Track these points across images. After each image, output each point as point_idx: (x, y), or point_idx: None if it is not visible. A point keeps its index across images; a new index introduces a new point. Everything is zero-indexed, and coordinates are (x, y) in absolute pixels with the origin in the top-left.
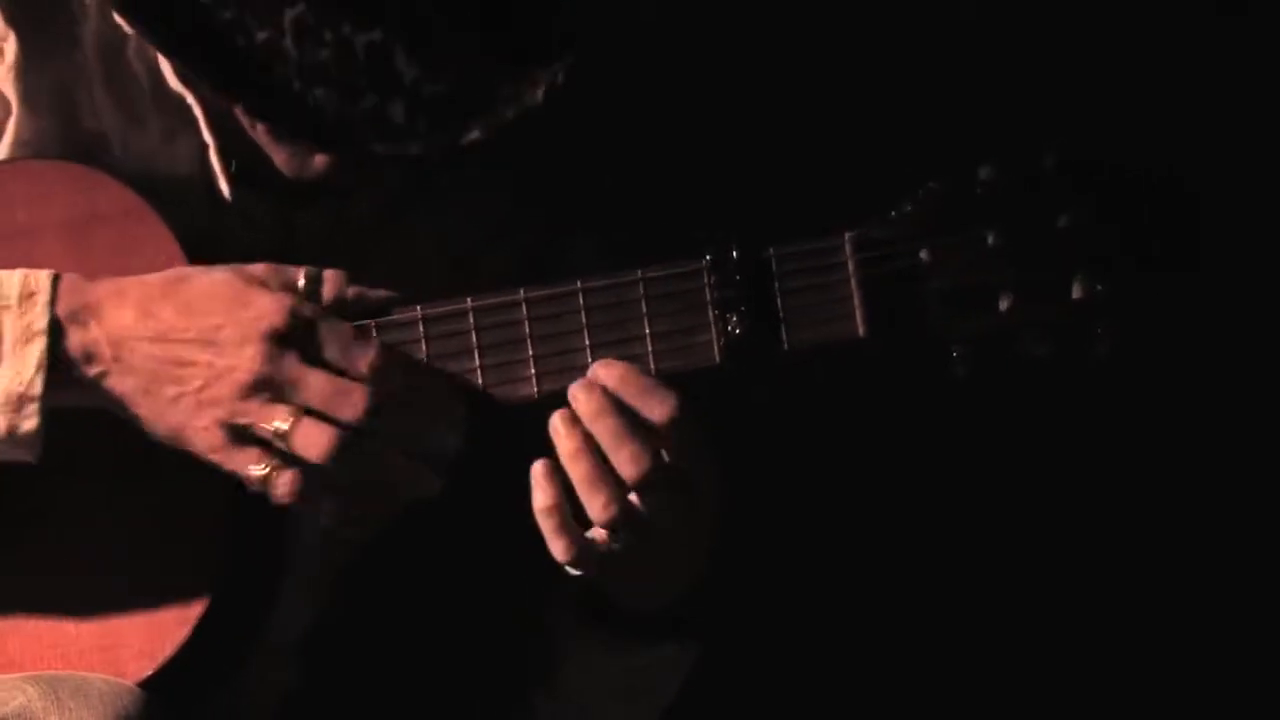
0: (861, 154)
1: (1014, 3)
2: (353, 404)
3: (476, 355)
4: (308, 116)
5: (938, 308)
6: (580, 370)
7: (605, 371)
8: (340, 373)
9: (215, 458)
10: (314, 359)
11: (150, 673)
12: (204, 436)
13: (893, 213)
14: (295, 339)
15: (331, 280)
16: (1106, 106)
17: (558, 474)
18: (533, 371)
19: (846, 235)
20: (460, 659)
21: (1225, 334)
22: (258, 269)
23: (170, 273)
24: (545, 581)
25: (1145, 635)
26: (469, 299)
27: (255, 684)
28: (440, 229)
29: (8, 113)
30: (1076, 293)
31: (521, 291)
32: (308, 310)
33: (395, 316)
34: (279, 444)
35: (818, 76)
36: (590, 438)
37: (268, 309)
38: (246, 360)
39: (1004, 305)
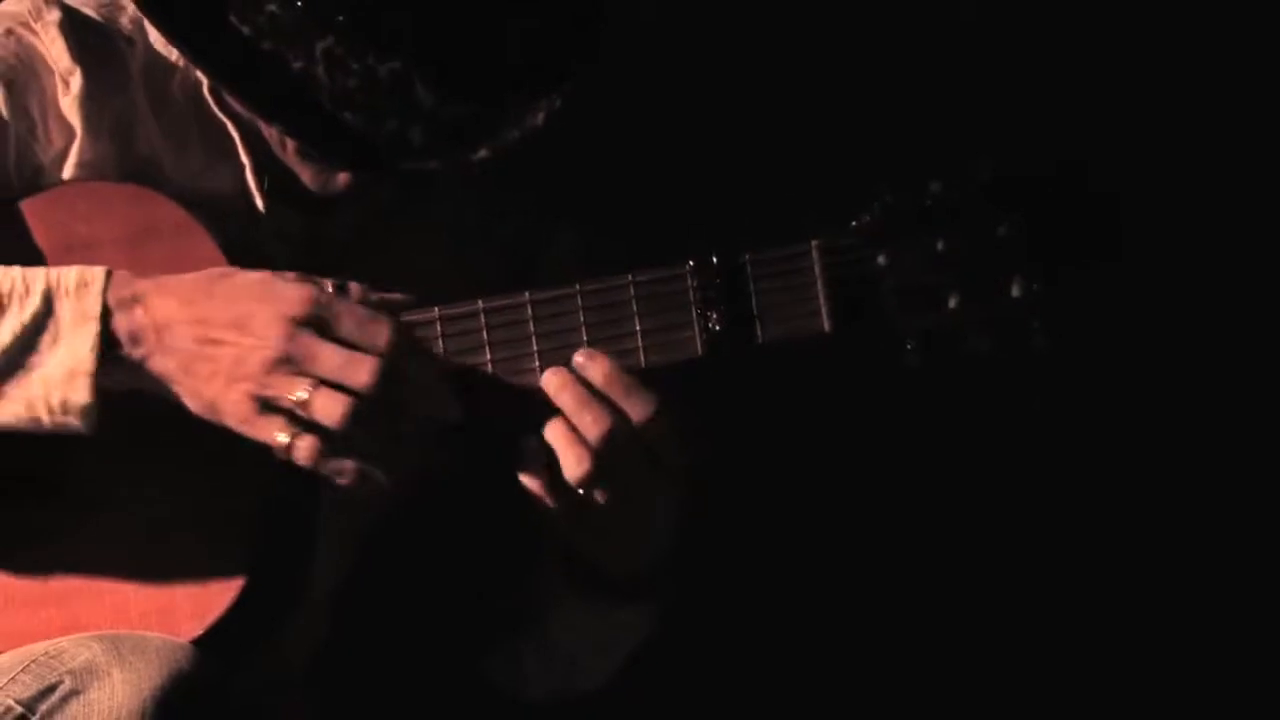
0: (826, 170)
1: (970, 28)
2: (364, 372)
3: (487, 350)
4: (337, 137)
5: (893, 306)
6: None
7: (590, 364)
8: (356, 349)
9: (245, 428)
10: (332, 337)
11: (200, 633)
12: (235, 409)
13: (854, 222)
14: (315, 321)
15: (355, 288)
16: (1055, 118)
17: (543, 449)
18: (536, 365)
19: (813, 242)
20: (463, 613)
21: (1174, 328)
22: (289, 275)
23: (210, 270)
24: (537, 550)
25: (1109, 615)
26: (480, 301)
27: (293, 635)
28: (439, 229)
29: (72, 137)
30: (1015, 292)
31: (527, 294)
32: (326, 296)
33: (416, 317)
34: (300, 412)
35: (792, 98)
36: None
37: (291, 296)
38: (271, 339)
39: (952, 303)
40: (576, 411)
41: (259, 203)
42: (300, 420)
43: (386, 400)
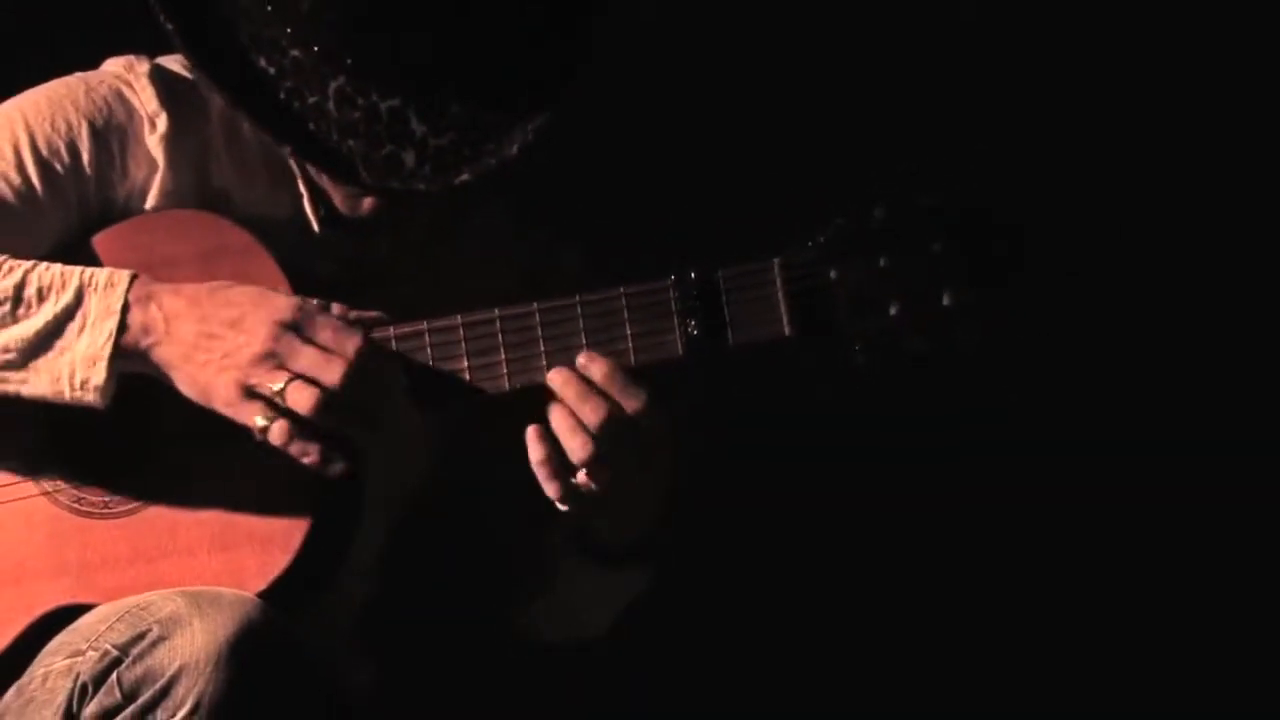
0: (787, 199)
1: (929, 57)
2: (333, 371)
3: (502, 351)
4: (341, 160)
5: (844, 313)
6: None
7: (592, 365)
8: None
9: (230, 411)
10: (311, 342)
11: (264, 587)
12: (224, 393)
13: (810, 242)
14: (298, 325)
15: (336, 306)
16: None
17: (547, 436)
18: (543, 364)
19: (775, 260)
20: (487, 572)
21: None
22: (281, 291)
23: (215, 282)
24: (546, 520)
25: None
26: (496, 310)
27: (343, 595)
28: (470, 251)
29: (154, 171)
30: (946, 301)
31: (535, 304)
32: (309, 306)
33: (441, 323)
34: (277, 400)
35: (757, 138)
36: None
37: (280, 304)
38: (259, 338)
39: (893, 311)
40: (579, 402)
41: (315, 226)
42: (277, 407)
43: (351, 397)
